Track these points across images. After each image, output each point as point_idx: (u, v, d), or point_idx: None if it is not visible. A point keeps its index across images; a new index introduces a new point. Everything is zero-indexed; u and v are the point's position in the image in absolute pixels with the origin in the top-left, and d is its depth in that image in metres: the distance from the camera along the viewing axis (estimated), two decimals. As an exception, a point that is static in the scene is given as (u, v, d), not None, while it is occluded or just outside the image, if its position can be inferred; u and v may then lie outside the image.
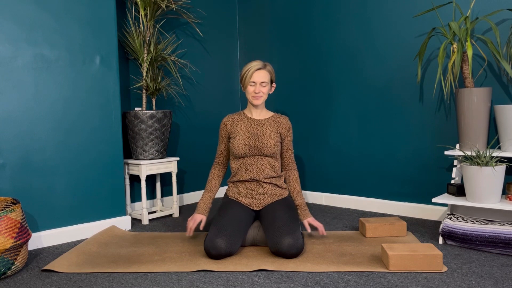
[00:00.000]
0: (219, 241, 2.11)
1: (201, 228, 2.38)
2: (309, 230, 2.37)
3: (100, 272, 2.04)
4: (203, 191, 3.72)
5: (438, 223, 2.78)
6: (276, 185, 2.43)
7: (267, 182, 2.40)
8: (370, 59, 3.12)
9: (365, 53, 3.15)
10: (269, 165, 2.41)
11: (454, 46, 2.44)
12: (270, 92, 2.51)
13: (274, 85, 2.51)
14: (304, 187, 3.58)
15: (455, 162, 2.56)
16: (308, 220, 2.39)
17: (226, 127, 2.47)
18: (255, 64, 2.40)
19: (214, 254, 2.12)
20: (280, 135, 2.46)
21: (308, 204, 3.45)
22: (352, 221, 2.89)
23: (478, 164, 2.24)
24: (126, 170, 3.07)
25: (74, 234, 2.61)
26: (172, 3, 3.24)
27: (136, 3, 3.19)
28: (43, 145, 2.49)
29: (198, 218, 2.39)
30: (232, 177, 2.48)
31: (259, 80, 2.39)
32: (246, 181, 2.41)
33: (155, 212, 3.29)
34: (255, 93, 2.40)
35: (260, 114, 2.48)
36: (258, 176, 2.39)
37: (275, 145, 2.40)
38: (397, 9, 2.96)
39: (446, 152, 2.50)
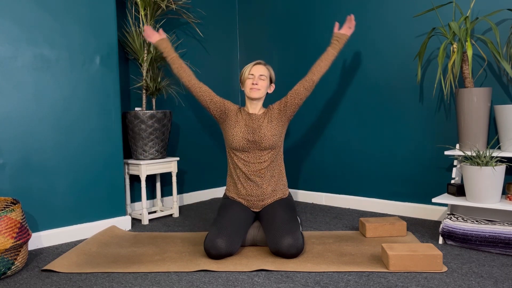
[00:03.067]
0: (219, 241, 2.11)
1: (153, 39, 2.52)
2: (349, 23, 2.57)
3: (100, 272, 2.04)
4: (203, 191, 3.73)
5: (438, 223, 2.78)
6: (275, 185, 2.43)
7: (266, 183, 2.40)
8: (370, 59, 3.12)
9: (365, 53, 3.15)
10: (269, 159, 2.40)
11: (454, 46, 2.44)
12: (269, 92, 2.51)
13: (273, 85, 2.53)
14: (305, 187, 3.58)
15: (455, 162, 2.56)
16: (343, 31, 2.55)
17: (228, 106, 2.45)
18: (255, 61, 2.48)
19: (214, 254, 2.12)
20: (280, 111, 2.43)
21: (308, 204, 3.45)
22: (352, 221, 2.89)
23: (478, 164, 2.24)
24: (126, 170, 3.07)
25: (74, 234, 2.61)
26: (172, 3, 3.24)
27: (136, 3, 3.19)
28: (43, 145, 2.49)
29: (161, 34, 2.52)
30: (230, 173, 2.47)
31: (257, 72, 2.43)
32: (244, 178, 2.40)
33: (155, 212, 3.29)
34: (252, 84, 2.40)
35: (259, 111, 2.49)
36: (257, 170, 2.38)
37: (273, 136, 2.39)
38: (397, 9, 2.96)
39: (446, 152, 2.50)
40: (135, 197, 3.26)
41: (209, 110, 2.46)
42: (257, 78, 2.42)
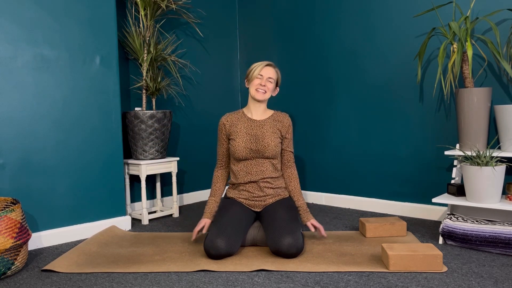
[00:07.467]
0: (219, 241, 2.11)
1: (204, 231, 2.39)
2: (313, 230, 2.37)
3: (100, 272, 2.04)
4: (203, 190, 3.72)
5: (438, 223, 2.78)
6: (277, 187, 2.43)
7: (268, 187, 2.40)
8: (371, 59, 3.12)
9: (365, 53, 3.15)
10: (271, 166, 2.41)
11: (454, 46, 2.44)
12: (273, 95, 2.51)
13: (278, 89, 2.52)
14: (304, 187, 3.58)
15: (455, 162, 2.56)
16: (311, 222, 2.38)
17: (225, 127, 2.46)
18: (265, 61, 2.44)
19: (214, 254, 2.12)
20: (280, 133, 2.46)
21: (308, 204, 3.45)
22: (352, 221, 2.89)
23: (478, 164, 2.24)
24: (126, 170, 3.07)
25: (74, 234, 2.61)
26: (172, 3, 3.24)
27: (136, 3, 3.19)
28: (43, 145, 2.49)
29: (202, 222, 2.39)
30: (232, 179, 2.47)
31: (266, 75, 2.41)
32: (247, 183, 2.41)
33: (155, 212, 3.29)
34: (260, 85, 2.40)
35: (262, 114, 2.47)
36: (259, 178, 2.38)
37: (276, 146, 2.39)
38: (398, 9, 2.96)
39: (446, 152, 2.50)
40: (135, 197, 3.26)
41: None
42: (266, 80, 2.41)
